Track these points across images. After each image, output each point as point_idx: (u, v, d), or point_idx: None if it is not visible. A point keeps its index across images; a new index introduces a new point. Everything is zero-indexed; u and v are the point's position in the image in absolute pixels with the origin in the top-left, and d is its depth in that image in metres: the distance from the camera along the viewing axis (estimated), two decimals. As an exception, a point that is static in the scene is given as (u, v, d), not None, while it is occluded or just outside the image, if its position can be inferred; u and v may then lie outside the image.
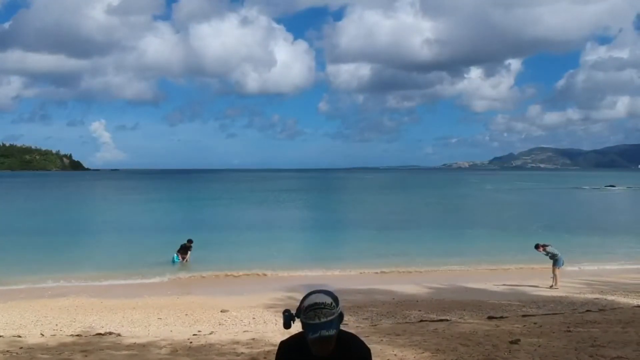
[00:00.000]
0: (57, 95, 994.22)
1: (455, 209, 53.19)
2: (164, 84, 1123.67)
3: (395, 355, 7.84)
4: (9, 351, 8.37)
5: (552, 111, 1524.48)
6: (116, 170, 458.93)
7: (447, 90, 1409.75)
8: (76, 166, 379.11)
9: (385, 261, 21.79)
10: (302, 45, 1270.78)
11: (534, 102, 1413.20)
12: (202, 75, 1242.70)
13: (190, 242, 21.91)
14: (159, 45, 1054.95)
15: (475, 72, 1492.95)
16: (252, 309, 13.43)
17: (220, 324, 11.83)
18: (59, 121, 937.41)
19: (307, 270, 19.99)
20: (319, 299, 2.67)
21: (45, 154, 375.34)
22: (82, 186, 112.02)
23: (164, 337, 9.57)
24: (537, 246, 17.50)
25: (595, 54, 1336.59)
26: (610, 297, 14.61)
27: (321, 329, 2.60)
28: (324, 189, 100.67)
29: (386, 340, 8.86)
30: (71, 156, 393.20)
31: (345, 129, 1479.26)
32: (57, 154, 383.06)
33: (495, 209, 53.01)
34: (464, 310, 12.96)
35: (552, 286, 16.40)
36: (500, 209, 52.68)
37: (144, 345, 8.90)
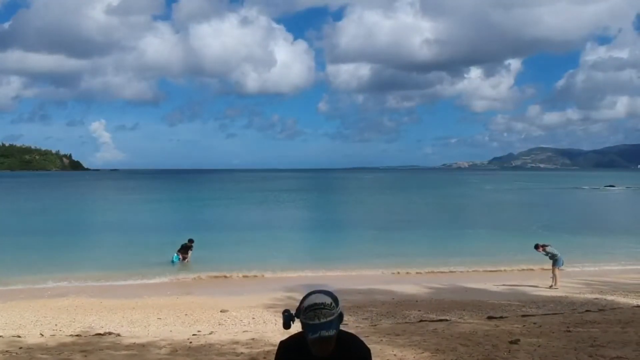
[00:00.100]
0: (56, 95, 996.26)
1: (454, 209, 53.21)
2: (164, 84, 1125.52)
3: (395, 355, 7.84)
4: (8, 351, 8.37)
5: (551, 111, 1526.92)
6: (116, 170, 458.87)
7: (446, 90, 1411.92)
8: (76, 166, 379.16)
9: (384, 261, 21.79)
10: (302, 45, 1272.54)
11: (534, 102, 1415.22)
12: (202, 75, 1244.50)
13: (191, 241, 21.95)
14: (158, 45, 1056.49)
15: (475, 72, 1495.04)
16: (251, 309, 13.43)
17: (220, 324, 11.83)
18: (58, 121, 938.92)
19: (307, 270, 19.98)
20: (318, 299, 2.66)
21: (45, 154, 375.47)
22: (81, 186, 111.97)
23: (163, 337, 9.57)
24: (536, 246, 17.52)
25: (595, 54, 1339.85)
26: (609, 297, 14.62)
27: (321, 329, 2.59)
28: (323, 189, 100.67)
29: (386, 340, 8.87)
30: (71, 156, 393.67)
31: (344, 129, 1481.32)
32: (57, 154, 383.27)
33: (494, 209, 53.01)
34: (464, 310, 12.96)
35: (552, 286, 16.41)
36: (499, 209, 52.70)
37: (143, 345, 8.89)
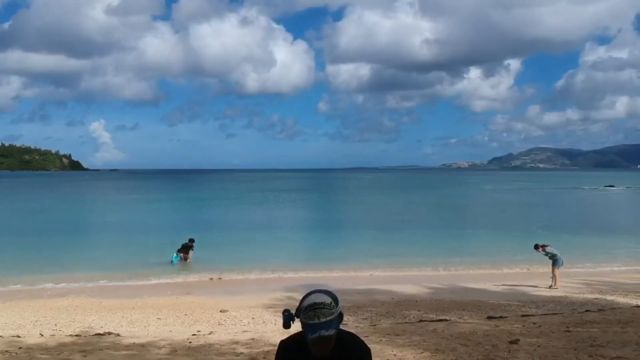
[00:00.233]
0: (56, 95, 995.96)
1: (454, 209, 53.23)
2: (164, 84, 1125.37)
3: (394, 355, 7.84)
4: (8, 351, 8.36)
5: (551, 111, 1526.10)
6: (115, 170, 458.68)
7: (446, 90, 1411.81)
8: (75, 166, 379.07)
9: (384, 261, 21.80)
10: (301, 45, 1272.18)
11: (534, 102, 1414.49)
12: (202, 75, 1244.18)
13: (192, 241, 22.01)
14: (158, 45, 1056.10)
15: (474, 72, 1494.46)
16: (251, 309, 13.43)
17: (219, 324, 11.83)
18: (58, 121, 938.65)
19: (307, 270, 19.97)
20: (318, 298, 2.67)
21: (44, 154, 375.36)
22: (81, 186, 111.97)
23: (163, 337, 9.56)
24: (536, 246, 17.52)
25: (594, 54, 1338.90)
26: (609, 297, 14.62)
27: (320, 329, 2.60)
28: (323, 189, 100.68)
29: (385, 340, 8.86)
30: (70, 156, 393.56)
31: (344, 129, 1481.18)
32: (57, 154, 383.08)
33: (494, 209, 52.99)
34: (464, 310, 12.96)
35: (552, 286, 16.41)
36: (499, 209, 52.68)
37: (143, 345, 8.89)
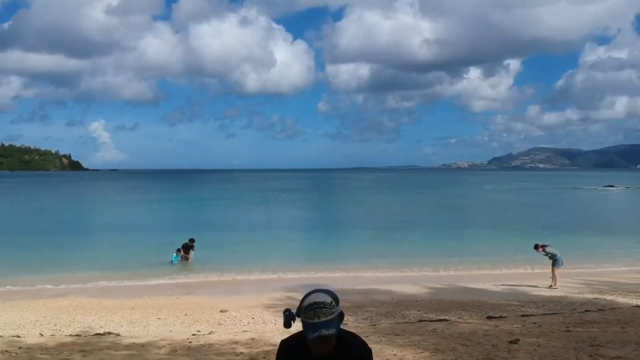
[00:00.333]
0: (56, 95, 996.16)
1: (454, 209, 53.23)
2: (164, 84, 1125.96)
3: (394, 355, 7.84)
4: (7, 351, 8.36)
5: (551, 111, 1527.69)
6: (115, 170, 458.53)
7: (446, 90, 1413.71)
8: (75, 166, 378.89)
9: (384, 261, 21.81)
10: (301, 45, 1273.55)
11: (533, 102, 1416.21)
12: (202, 75, 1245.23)
13: (192, 241, 22.06)
14: (158, 45, 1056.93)
15: (474, 73, 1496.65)
16: (251, 309, 13.43)
17: (219, 324, 11.83)
18: (58, 121, 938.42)
19: (307, 270, 19.99)
20: (318, 298, 2.67)
21: (44, 154, 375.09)
22: (81, 186, 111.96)
23: (163, 337, 9.56)
24: (536, 246, 17.52)
25: (594, 54, 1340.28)
26: (609, 297, 14.62)
27: (321, 328, 2.60)
28: (323, 189, 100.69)
29: (385, 340, 8.86)
30: (70, 156, 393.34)
31: (344, 129, 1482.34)
32: (56, 154, 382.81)
33: (494, 209, 53.00)
34: (463, 310, 12.96)
35: (552, 286, 16.42)
36: (499, 209, 52.68)
37: (143, 345, 8.89)
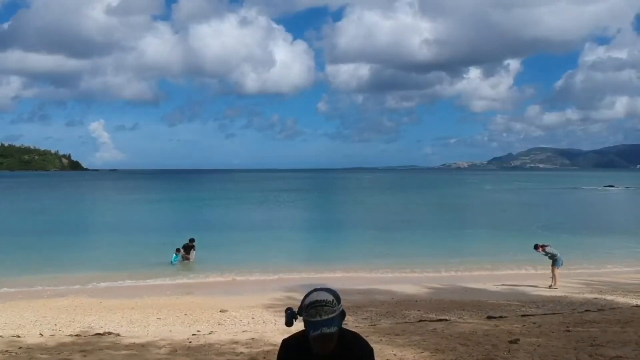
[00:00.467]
0: (56, 95, 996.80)
1: (454, 209, 53.24)
2: (163, 84, 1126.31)
3: (394, 355, 7.84)
4: (7, 351, 8.36)
5: (551, 111, 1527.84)
6: (115, 170, 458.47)
7: (446, 90, 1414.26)
8: (75, 166, 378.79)
9: (384, 261, 21.81)
10: (301, 45, 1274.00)
11: (533, 102, 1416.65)
12: (202, 75, 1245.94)
13: (192, 241, 22.04)
14: (158, 45, 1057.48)
15: (474, 73, 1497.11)
16: (251, 309, 13.43)
17: (219, 324, 11.83)
18: (58, 121, 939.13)
19: (307, 270, 19.99)
20: (320, 296, 2.67)
21: (44, 154, 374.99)
22: (81, 186, 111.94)
23: (163, 337, 9.56)
24: (536, 246, 17.52)
25: (594, 54, 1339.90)
26: (609, 297, 14.62)
27: (322, 326, 2.60)
28: (323, 189, 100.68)
29: (385, 340, 8.86)
30: (70, 156, 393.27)
31: (344, 129, 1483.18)
32: (56, 154, 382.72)
33: (494, 209, 53.01)
34: (463, 310, 12.96)
35: (552, 286, 16.42)
36: (499, 209, 52.69)
37: (143, 345, 8.89)
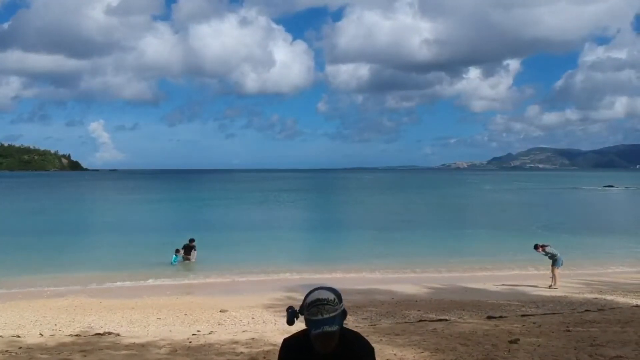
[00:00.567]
0: (56, 95, 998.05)
1: (454, 209, 53.23)
2: (163, 84, 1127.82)
3: (394, 354, 7.84)
4: (7, 351, 8.36)
5: (550, 111, 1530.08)
6: (115, 170, 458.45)
7: (446, 90, 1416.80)
8: (75, 166, 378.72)
9: (384, 261, 21.81)
10: (301, 45, 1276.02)
11: (533, 102, 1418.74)
12: (202, 75, 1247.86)
13: (192, 241, 21.99)
14: (158, 45, 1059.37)
15: (474, 73, 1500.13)
16: (251, 309, 13.42)
17: (219, 324, 11.82)
18: (58, 121, 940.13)
19: (307, 270, 19.97)
20: (322, 295, 2.67)
21: (43, 154, 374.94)
22: (80, 186, 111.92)
23: (163, 337, 9.56)
24: (536, 246, 17.51)
25: (593, 55, 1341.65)
26: (609, 297, 14.62)
27: (324, 325, 2.60)
28: (323, 189, 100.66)
29: (385, 339, 8.86)
30: (70, 156, 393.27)
31: (344, 129, 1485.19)
32: (56, 154, 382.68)
33: (494, 209, 53.00)
34: (463, 310, 12.96)
35: (551, 286, 16.42)
36: (499, 209, 52.68)
37: (143, 345, 8.88)
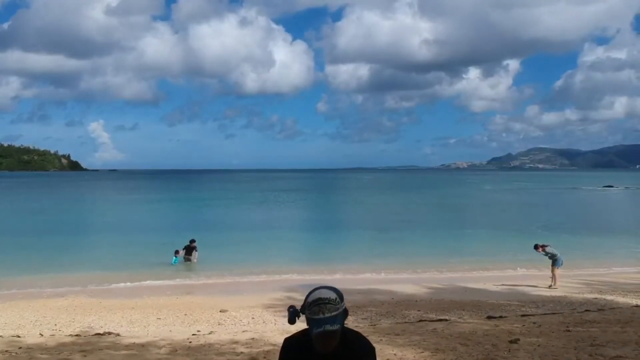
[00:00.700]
0: (56, 95, 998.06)
1: (454, 209, 53.24)
2: (163, 84, 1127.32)
3: (394, 354, 7.84)
4: (7, 351, 8.36)
5: (550, 111, 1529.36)
6: (114, 170, 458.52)
7: (445, 90, 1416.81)
8: (74, 166, 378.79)
9: (384, 261, 21.82)
10: (301, 45, 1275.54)
11: (532, 102, 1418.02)
12: (201, 75, 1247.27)
13: (193, 242, 21.96)
14: (158, 45, 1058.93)
15: (473, 73, 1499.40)
16: (251, 309, 13.42)
17: (219, 324, 11.83)
18: (57, 121, 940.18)
19: (307, 270, 19.97)
20: (323, 294, 2.67)
21: (43, 154, 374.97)
22: (80, 186, 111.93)
23: (163, 337, 9.56)
24: (536, 246, 17.51)
25: (593, 55, 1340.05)
26: (609, 297, 14.62)
27: (325, 324, 2.60)
28: (323, 189, 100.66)
29: (385, 339, 8.86)
30: (69, 156, 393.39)
31: (344, 129, 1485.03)
32: (56, 154, 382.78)
33: (494, 209, 53.01)
34: (463, 310, 12.96)
35: (551, 286, 16.42)
36: (499, 209, 52.70)
37: (143, 345, 8.88)
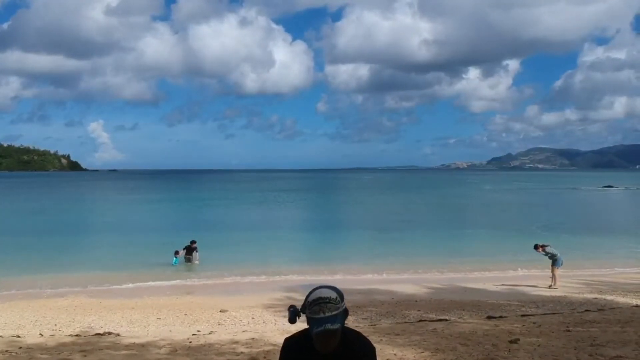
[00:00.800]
0: (55, 95, 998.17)
1: (454, 209, 53.24)
2: (163, 84, 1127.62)
3: (394, 354, 7.84)
4: (7, 351, 8.36)
5: (550, 111, 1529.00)
6: (114, 170, 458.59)
7: (445, 90, 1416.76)
8: (74, 166, 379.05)
9: (384, 261, 21.82)
10: (300, 45, 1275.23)
11: (532, 102, 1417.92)
12: (201, 75, 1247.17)
13: (193, 242, 21.92)
14: (157, 45, 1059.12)
15: (473, 73, 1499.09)
16: (251, 309, 13.43)
17: (219, 324, 11.83)
18: (57, 121, 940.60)
19: (307, 270, 19.98)
20: (324, 293, 2.67)
21: (43, 154, 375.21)
22: (80, 186, 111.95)
23: (163, 337, 9.56)
24: (536, 246, 17.52)
25: (593, 55, 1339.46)
26: (609, 297, 14.63)
27: (326, 323, 2.60)
28: (323, 189, 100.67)
29: (385, 339, 8.86)
30: (69, 156, 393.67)
31: (344, 129, 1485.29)
32: (55, 155, 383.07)
33: (494, 209, 53.03)
34: (463, 310, 12.97)
35: (551, 286, 16.42)
36: (499, 209, 52.71)
37: (143, 345, 8.89)
